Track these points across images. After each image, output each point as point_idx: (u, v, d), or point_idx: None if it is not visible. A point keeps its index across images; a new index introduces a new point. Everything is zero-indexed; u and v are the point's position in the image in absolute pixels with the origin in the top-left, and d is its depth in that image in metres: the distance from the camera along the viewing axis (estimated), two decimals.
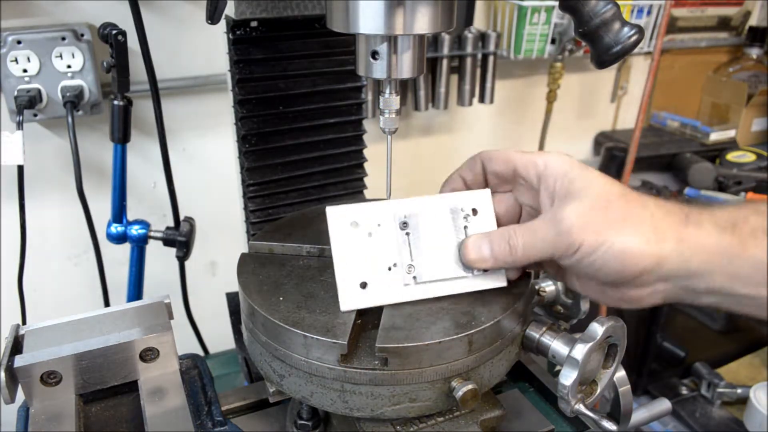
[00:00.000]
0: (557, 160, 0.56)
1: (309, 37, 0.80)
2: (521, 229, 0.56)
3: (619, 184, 0.54)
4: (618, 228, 0.51)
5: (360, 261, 0.58)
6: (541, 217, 0.56)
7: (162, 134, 0.98)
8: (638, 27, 0.55)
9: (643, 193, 0.55)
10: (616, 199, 0.52)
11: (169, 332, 0.60)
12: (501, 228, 0.58)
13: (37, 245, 1.21)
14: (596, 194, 0.53)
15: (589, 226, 0.51)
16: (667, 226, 0.51)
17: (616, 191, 0.53)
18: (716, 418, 1.53)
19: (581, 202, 0.53)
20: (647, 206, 0.52)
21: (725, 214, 0.51)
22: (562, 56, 1.52)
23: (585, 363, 0.54)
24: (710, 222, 0.51)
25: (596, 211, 0.52)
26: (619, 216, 0.51)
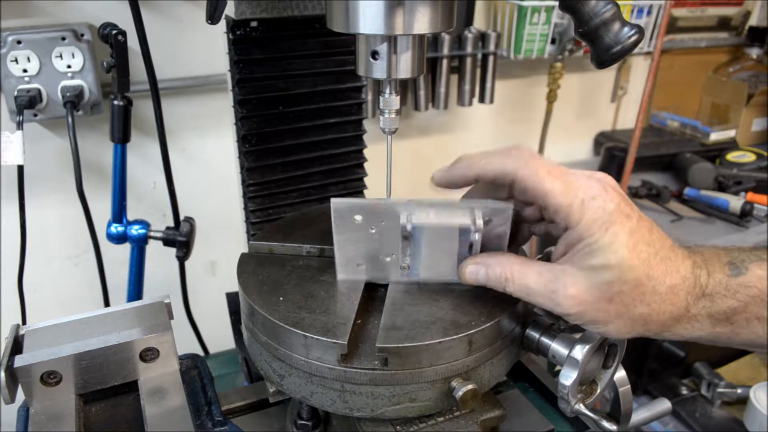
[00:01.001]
0: (593, 218, 0.49)
1: (309, 37, 0.80)
2: (518, 284, 0.54)
3: (646, 255, 0.50)
4: (608, 321, 0.51)
5: (359, 247, 0.59)
6: (543, 282, 0.52)
7: (162, 134, 0.98)
8: (638, 27, 0.55)
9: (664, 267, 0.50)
10: (625, 293, 0.50)
11: (169, 332, 0.60)
12: (501, 263, 0.55)
13: (37, 245, 1.21)
14: (607, 284, 0.50)
15: (582, 316, 0.51)
16: (660, 322, 0.52)
17: (632, 279, 0.49)
18: (716, 418, 1.53)
19: (587, 290, 0.50)
20: (651, 303, 0.50)
21: (726, 305, 0.51)
22: (562, 56, 1.52)
23: (585, 363, 0.54)
24: (708, 316, 0.52)
25: (595, 305, 0.50)
26: (615, 312, 0.51)
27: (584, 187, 0.51)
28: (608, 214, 0.49)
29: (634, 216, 0.51)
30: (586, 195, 0.50)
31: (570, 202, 0.50)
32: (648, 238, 0.51)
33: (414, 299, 0.59)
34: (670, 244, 0.52)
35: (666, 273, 0.50)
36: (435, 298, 0.59)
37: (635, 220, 0.51)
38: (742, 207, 1.51)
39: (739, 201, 1.52)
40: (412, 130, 1.55)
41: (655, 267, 0.50)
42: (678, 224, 1.51)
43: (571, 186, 0.51)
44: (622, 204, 0.51)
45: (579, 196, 0.50)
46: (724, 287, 0.51)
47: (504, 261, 0.55)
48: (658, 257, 0.50)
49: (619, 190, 0.52)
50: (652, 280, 0.50)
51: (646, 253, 0.50)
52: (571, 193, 0.50)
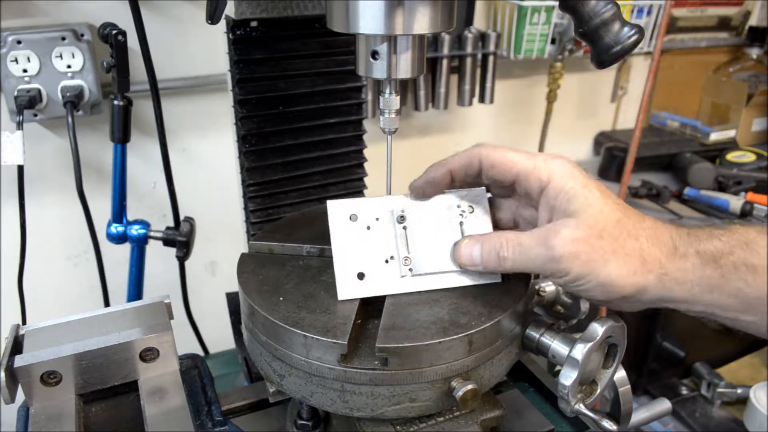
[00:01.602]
0: (561, 171, 0.56)
1: (309, 37, 0.80)
2: (513, 243, 0.56)
3: (618, 205, 0.55)
4: (606, 260, 0.52)
5: (358, 253, 0.60)
6: (536, 235, 0.55)
7: (162, 134, 0.98)
8: (638, 27, 0.55)
9: (639, 216, 0.55)
10: (610, 228, 0.53)
11: (169, 332, 0.61)
12: (495, 235, 0.58)
13: (37, 245, 1.21)
14: (592, 220, 0.53)
15: (579, 256, 0.52)
16: (654, 258, 0.53)
17: (613, 217, 0.53)
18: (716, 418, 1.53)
19: (576, 228, 0.53)
20: (639, 237, 0.53)
21: (712, 245, 0.52)
22: (562, 56, 1.52)
23: (585, 363, 0.54)
24: (695, 254, 0.53)
25: (588, 241, 0.52)
26: (609, 248, 0.52)
27: (543, 155, 0.57)
28: (573, 167, 0.56)
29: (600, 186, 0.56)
30: (547, 158, 0.57)
31: (534, 165, 0.57)
32: (616, 199, 0.55)
33: (414, 299, 0.59)
34: (641, 215, 0.56)
35: (642, 216, 0.55)
36: (435, 298, 0.59)
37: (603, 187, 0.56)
38: (742, 207, 1.51)
39: (739, 201, 1.52)
40: (412, 130, 1.55)
41: (631, 212, 0.55)
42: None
43: (531, 155, 0.58)
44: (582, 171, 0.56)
45: (541, 158, 0.57)
46: (708, 233, 0.53)
47: (497, 232, 0.58)
48: (627, 207, 0.55)
49: None
50: (631, 218, 0.54)
51: (618, 205, 0.55)
52: (532, 159, 0.57)
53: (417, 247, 0.60)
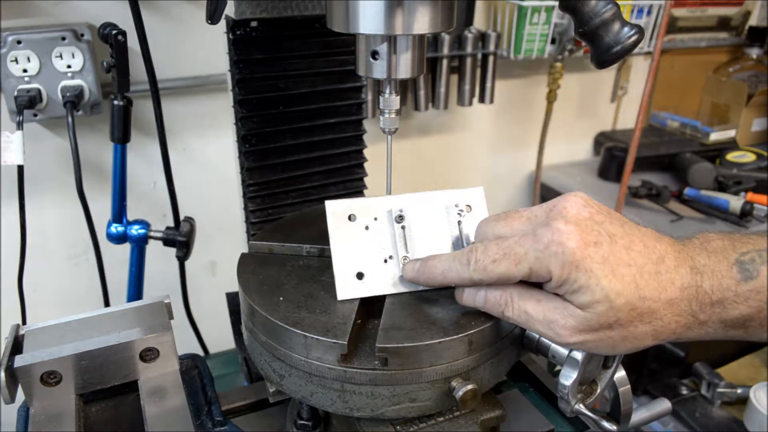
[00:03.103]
0: (559, 265, 0.48)
1: (309, 37, 0.80)
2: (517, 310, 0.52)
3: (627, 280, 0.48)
4: (615, 346, 0.50)
5: (357, 253, 0.60)
6: (542, 313, 0.51)
7: (162, 134, 0.98)
8: (638, 27, 0.55)
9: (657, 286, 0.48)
10: (623, 319, 0.48)
11: (169, 332, 0.61)
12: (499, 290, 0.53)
13: (37, 245, 1.21)
14: (603, 317, 0.48)
15: (585, 345, 0.51)
16: (668, 332, 0.50)
17: (626, 307, 0.48)
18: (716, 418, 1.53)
19: (584, 322, 0.49)
20: (653, 319, 0.49)
21: (738, 312, 0.49)
22: (562, 56, 1.52)
23: (585, 363, 0.54)
24: (719, 322, 0.50)
25: (597, 334, 0.49)
26: (619, 337, 0.49)
27: (532, 246, 0.49)
28: (571, 253, 0.47)
29: (604, 240, 0.49)
30: (538, 251, 0.49)
31: (529, 269, 0.50)
32: (627, 258, 0.48)
33: (414, 299, 0.59)
34: (657, 256, 0.49)
35: (659, 288, 0.48)
36: (435, 298, 0.59)
37: (606, 244, 0.48)
38: (742, 207, 1.51)
39: (739, 201, 1.52)
40: (412, 130, 1.55)
41: (645, 286, 0.48)
42: (678, 224, 1.51)
43: (519, 256, 0.50)
44: (584, 234, 0.48)
45: (531, 258, 0.49)
46: (734, 294, 0.49)
47: (504, 286, 0.53)
48: (645, 275, 0.48)
49: (577, 215, 0.49)
50: (646, 300, 0.48)
51: (630, 275, 0.48)
52: (522, 263, 0.50)
53: (415, 246, 0.60)
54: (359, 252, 0.60)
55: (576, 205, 0.50)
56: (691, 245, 0.51)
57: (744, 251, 0.50)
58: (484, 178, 1.74)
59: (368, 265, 0.60)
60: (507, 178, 1.78)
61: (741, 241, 0.51)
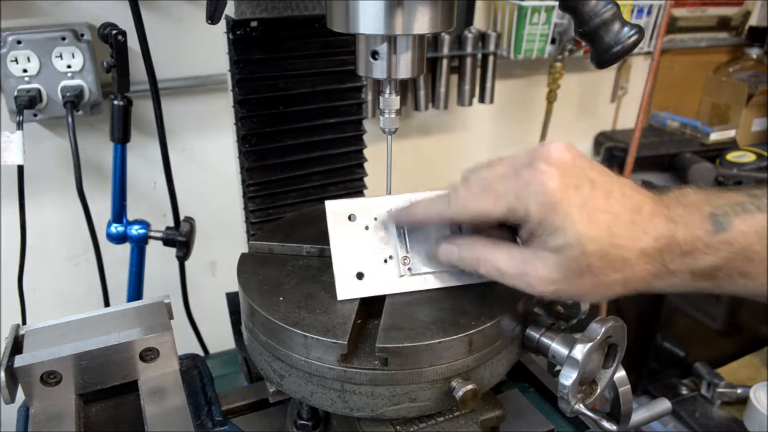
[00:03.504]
0: (537, 205, 0.49)
1: (309, 37, 0.80)
2: (490, 265, 0.54)
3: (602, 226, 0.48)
4: (585, 293, 0.51)
5: (357, 253, 0.59)
6: (514, 264, 0.52)
7: (162, 134, 0.98)
8: (638, 27, 0.55)
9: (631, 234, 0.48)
10: (594, 265, 0.48)
11: (169, 332, 0.61)
12: (472, 246, 0.55)
13: (37, 245, 1.21)
14: (574, 261, 0.48)
15: (557, 293, 0.51)
16: (639, 280, 0.50)
17: (598, 252, 0.48)
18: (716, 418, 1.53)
19: (556, 267, 0.49)
20: (625, 267, 0.49)
21: (707, 262, 0.49)
22: (562, 56, 1.52)
23: (585, 363, 0.54)
24: (689, 272, 0.50)
25: (568, 281, 0.50)
26: (590, 283, 0.50)
27: (512, 182, 0.50)
28: (551, 194, 0.48)
29: (584, 184, 0.49)
30: (518, 188, 0.49)
31: (507, 206, 0.50)
32: (604, 204, 0.49)
33: (414, 299, 0.59)
34: (634, 205, 0.49)
35: (634, 237, 0.48)
36: (435, 298, 0.59)
37: (586, 188, 0.49)
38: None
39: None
40: (412, 130, 1.55)
41: (620, 234, 0.48)
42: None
43: (497, 191, 0.51)
44: (565, 177, 0.49)
45: (511, 193, 0.50)
46: (705, 244, 0.49)
47: (475, 242, 0.56)
48: (620, 223, 0.48)
49: (560, 159, 0.50)
50: (619, 248, 0.48)
51: (605, 222, 0.48)
52: (501, 200, 0.50)
53: (415, 246, 0.60)
54: (359, 252, 0.60)
55: (559, 149, 0.50)
56: (668, 197, 0.52)
57: (718, 204, 0.50)
58: None
59: (368, 265, 0.60)
60: None
61: (715, 195, 0.51)
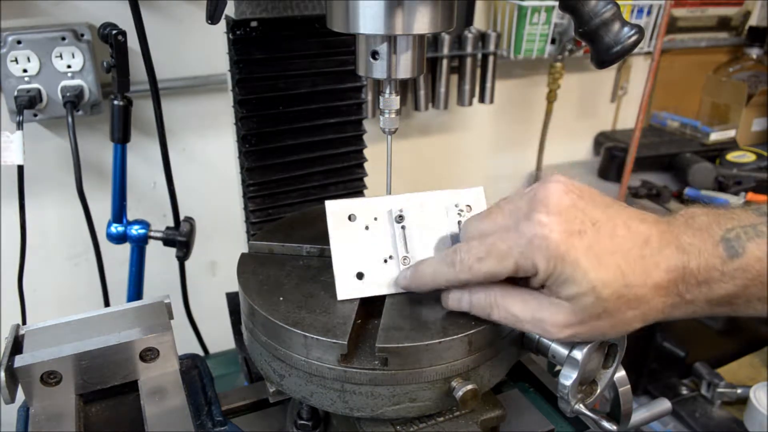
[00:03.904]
0: (544, 258, 0.48)
1: (309, 37, 0.80)
2: (504, 312, 0.53)
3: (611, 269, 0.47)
4: (603, 334, 0.51)
5: (357, 253, 0.59)
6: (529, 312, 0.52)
7: (162, 134, 0.98)
8: (638, 27, 0.55)
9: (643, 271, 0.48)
10: (610, 307, 0.48)
11: (169, 332, 0.61)
12: (484, 293, 0.54)
13: (37, 245, 1.21)
14: (589, 309, 0.48)
15: (574, 337, 0.51)
16: (655, 312, 0.49)
17: (613, 295, 0.47)
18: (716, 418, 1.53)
19: (572, 314, 0.49)
20: (641, 304, 0.48)
21: (724, 290, 0.48)
22: (562, 56, 1.52)
23: (585, 363, 0.54)
24: (705, 301, 0.49)
25: (585, 324, 0.50)
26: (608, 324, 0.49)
27: (515, 241, 0.49)
28: (555, 246, 0.47)
29: (587, 228, 0.48)
30: (522, 247, 0.48)
31: (514, 266, 0.49)
32: (611, 245, 0.48)
33: (414, 299, 0.59)
34: (642, 239, 0.48)
35: (645, 273, 0.48)
36: (435, 298, 0.59)
37: (590, 232, 0.48)
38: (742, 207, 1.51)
39: (739, 201, 1.52)
40: (412, 130, 1.55)
41: (631, 273, 0.47)
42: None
43: (503, 253, 0.49)
44: (567, 224, 0.48)
45: (515, 253, 0.49)
46: (720, 273, 0.48)
47: (487, 290, 0.53)
48: (630, 261, 0.48)
49: (558, 205, 0.48)
50: (633, 287, 0.47)
51: (615, 264, 0.47)
52: (507, 260, 0.49)
53: (415, 246, 0.60)
54: (359, 252, 0.60)
55: (557, 193, 0.49)
56: (676, 223, 0.50)
57: (729, 227, 0.49)
58: (484, 178, 1.74)
59: (368, 265, 0.60)
60: (507, 178, 1.78)
61: (726, 216, 0.50)
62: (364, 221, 0.60)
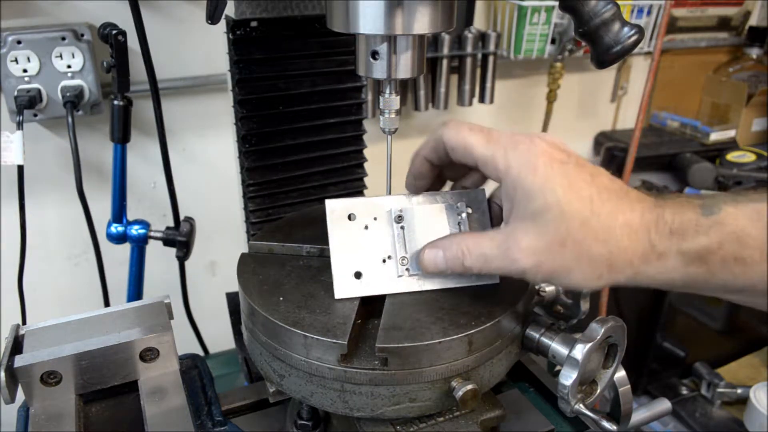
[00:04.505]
0: (519, 163, 0.50)
1: (309, 37, 0.80)
2: (475, 253, 0.54)
3: (586, 198, 0.48)
4: (569, 268, 0.49)
5: (355, 252, 0.60)
6: (497, 243, 0.52)
7: (162, 134, 0.98)
8: (638, 27, 0.55)
9: (613, 210, 0.48)
10: (575, 232, 0.48)
11: (169, 332, 0.61)
12: (455, 241, 0.56)
13: (37, 245, 1.21)
14: (554, 226, 0.48)
15: (541, 267, 0.50)
16: (624, 261, 0.49)
17: (578, 219, 0.48)
18: (716, 418, 1.53)
19: (537, 236, 0.49)
20: (608, 239, 0.48)
21: (697, 243, 0.47)
22: (562, 56, 1.52)
23: (585, 363, 0.54)
24: (678, 253, 0.48)
25: (550, 250, 0.49)
26: (572, 255, 0.49)
27: (506, 139, 0.52)
28: (535, 157, 0.49)
29: (570, 162, 0.50)
30: (508, 144, 0.51)
31: (492, 153, 0.52)
32: (589, 180, 0.49)
33: (414, 299, 0.59)
34: (618, 188, 0.50)
35: (616, 210, 0.48)
36: (435, 298, 0.59)
37: (571, 165, 0.50)
38: None
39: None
40: (412, 130, 1.55)
41: (600, 204, 0.48)
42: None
43: (492, 138, 0.53)
44: (553, 150, 0.50)
45: (501, 146, 0.52)
46: (695, 224, 0.48)
47: (458, 238, 0.56)
48: (603, 196, 0.48)
49: (556, 141, 0.51)
50: (599, 216, 0.48)
51: (587, 192, 0.48)
52: (491, 145, 0.53)
53: (414, 247, 0.60)
54: (358, 251, 0.60)
55: (555, 139, 0.52)
56: (655, 195, 0.52)
57: (707, 199, 0.50)
58: None
59: (367, 264, 0.60)
60: None
61: (701, 196, 0.52)
62: (364, 221, 0.61)
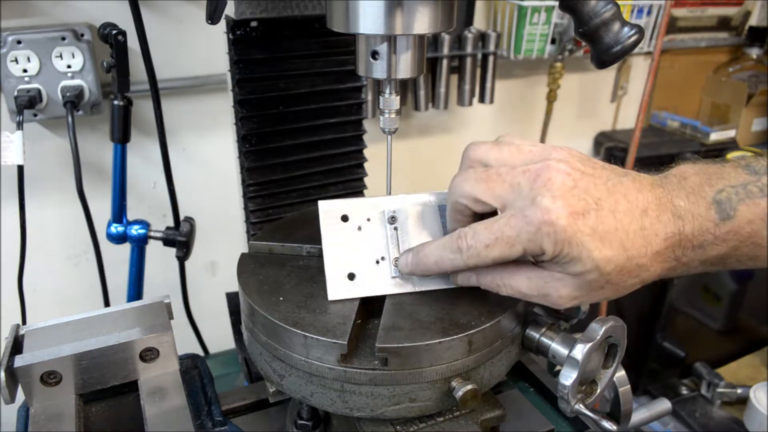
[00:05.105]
0: (552, 241, 0.49)
1: (309, 37, 0.80)
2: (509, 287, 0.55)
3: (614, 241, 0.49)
4: (610, 295, 0.54)
5: (349, 253, 0.60)
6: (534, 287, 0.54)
7: (162, 134, 0.98)
8: (638, 27, 0.55)
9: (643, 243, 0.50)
10: (613, 278, 0.51)
11: (169, 332, 0.60)
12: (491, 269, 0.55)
13: (37, 245, 1.21)
14: (594, 282, 0.51)
15: (584, 304, 0.56)
16: (653, 276, 0.53)
17: (615, 269, 0.50)
18: (716, 418, 1.53)
19: (578, 288, 0.52)
20: (641, 273, 0.51)
21: (716, 252, 0.52)
22: (562, 56, 1.52)
23: (585, 363, 0.54)
24: (699, 262, 0.53)
25: (590, 294, 0.53)
26: (611, 292, 0.53)
27: (523, 228, 0.50)
28: (562, 231, 0.48)
29: (591, 208, 0.49)
30: (529, 234, 0.49)
31: (522, 250, 0.51)
32: (613, 223, 0.49)
33: (414, 299, 0.59)
34: (640, 210, 0.50)
35: (646, 244, 0.50)
36: (435, 298, 0.59)
37: (593, 212, 0.49)
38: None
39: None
40: (412, 130, 1.55)
41: (632, 246, 0.50)
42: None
43: (511, 240, 0.50)
44: (571, 206, 0.49)
45: (523, 239, 0.50)
46: (713, 236, 0.51)
47: (493, 271, 0.55)
48: (631, 235, 0.50)
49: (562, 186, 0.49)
50: (634, 260, 0.50)
51: (618, 240, 0.50)
52: (515, 247, 0.51)
53: (408, 248, 0.60)
54: (351, 252, 0.60)
55: (560, 175, 0.50)
56: (670, 186, 0.53)
57: (720, 188, 0.51)
58: None
59: (360, 266, 0.59)
60: None
61: (716, 176, 0.52)
62: (357, 222, 0.61)
